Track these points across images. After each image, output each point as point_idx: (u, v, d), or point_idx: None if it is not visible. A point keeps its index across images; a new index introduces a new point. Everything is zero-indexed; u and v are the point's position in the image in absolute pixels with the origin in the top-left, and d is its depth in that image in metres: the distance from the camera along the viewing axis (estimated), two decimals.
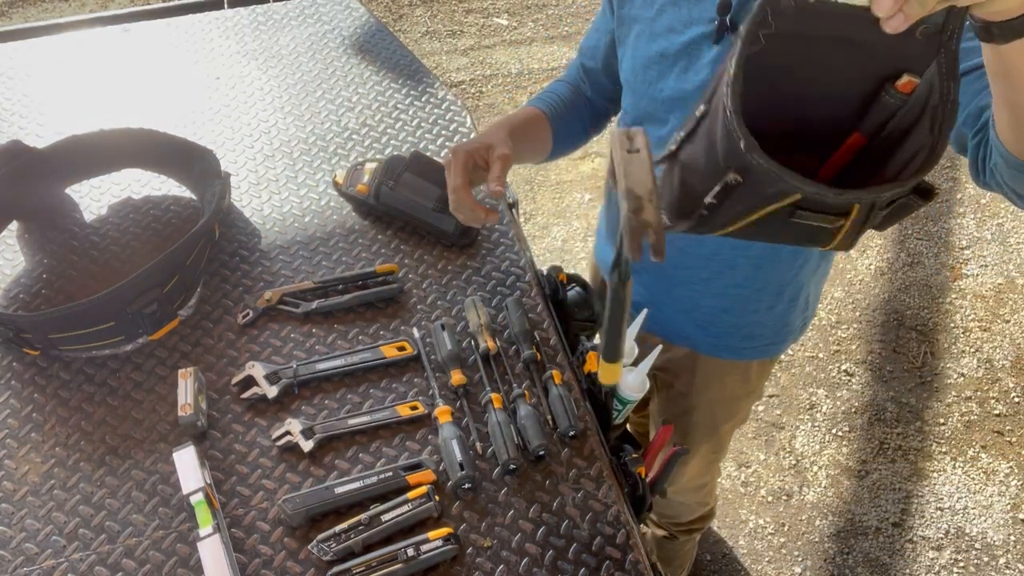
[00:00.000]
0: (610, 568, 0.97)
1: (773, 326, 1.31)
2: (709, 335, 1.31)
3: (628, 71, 1.15)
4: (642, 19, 1.11)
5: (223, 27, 1.70)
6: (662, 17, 1.07)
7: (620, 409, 1.16)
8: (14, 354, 1.15)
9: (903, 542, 2.06)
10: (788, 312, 1.29)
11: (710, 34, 1.02)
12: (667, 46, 1.06)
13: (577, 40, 3.53)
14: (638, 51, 1.11)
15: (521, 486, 1.04)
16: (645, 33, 1.10)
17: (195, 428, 1.04)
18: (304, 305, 1.19)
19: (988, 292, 2.62)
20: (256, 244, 1.29)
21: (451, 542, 0.96)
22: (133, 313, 1.09)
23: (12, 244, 1.29)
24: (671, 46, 1.06)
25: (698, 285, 1.25)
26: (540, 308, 1.23)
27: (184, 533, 0.98)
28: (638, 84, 1.13)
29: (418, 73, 1.61)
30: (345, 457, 1.05)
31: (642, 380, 1.13)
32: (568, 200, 2.92)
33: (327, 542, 0.95)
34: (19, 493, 1.01)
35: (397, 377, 1.14)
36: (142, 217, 1.33)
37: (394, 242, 1.31)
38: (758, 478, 2.18)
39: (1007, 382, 2.39)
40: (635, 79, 1.13)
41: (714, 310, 1.27)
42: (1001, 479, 2.18)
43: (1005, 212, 2.86)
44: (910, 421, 2.30)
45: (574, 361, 1.17)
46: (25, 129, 1.46)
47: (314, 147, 1.45)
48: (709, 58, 1.03)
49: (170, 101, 1.52)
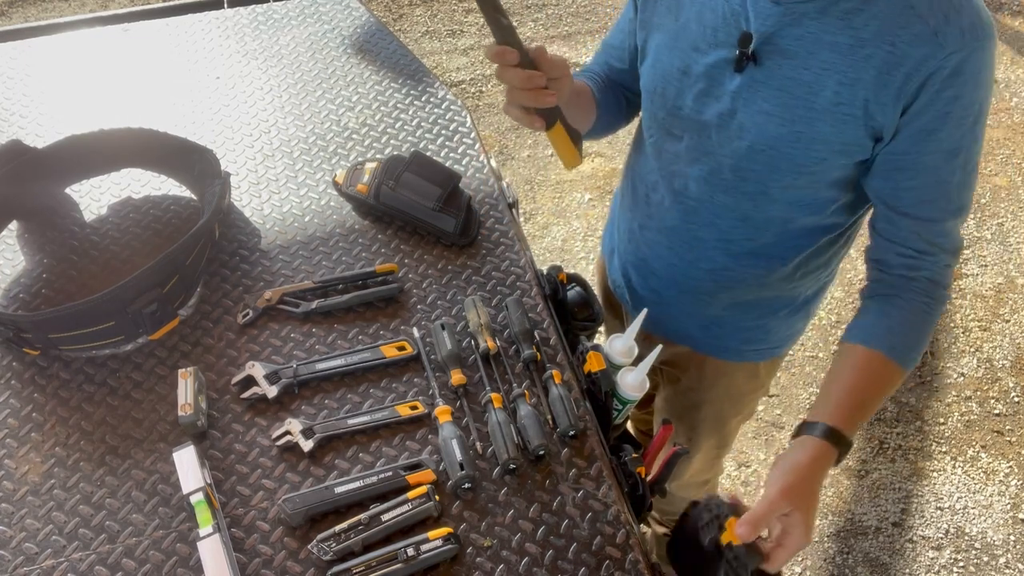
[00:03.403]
0: (610, 568, 0.97)
1: (776, 331, 1.31)
2: (711, 336, 1.32)
3: (648, 78, 1.13)
4: (664, 28, 1.09)
5: (223, 27, 1.70)
6: (686, 32, 1.05)
7: (620, 409, 1.16)
8: (14, 354, 1.14)
9: (903, 542, 2.06)
10: (791, 317, 1.29)
11: (733, 60, 1.01)
12: (690, 64, 1.05)
13: (577, 40, 3.53)
14: (660, 61, 1.10)
15: (521, 486, 1.04)
16: (667, 44, 1.08)
17: (195, 428, 1.04)
18: (304, 305, 1.19)
19: (988, 292, 2.62)
20: (256, 244, 1.29)
21: (451, 542, 0.96)
22: (133, 313, 1.09)
23: (12, 244, 1.29)
24: (694, 65, 1.04)
25: (705, 295, 1.25)
26: (540, 308, 1.23)
27: (184, 533, 0.98)
28: (656, 95, 1.12)
29: (418, 73, 1.61)
30: (345, 457, 1.05)
31: (642, 380, 1.13)
32: (568, 200, 2.92)
33: (327, 542, 0.95)
34: (19, 493, 1.01)
35: (397, 377, 1.14)
36: (142, 217, 1.33)
37: (394, 242, 1.31)
38: (758, 478, 2.18)
39: (1007, 382, 2.39)
40: (654, 89, 1.12)
41: (719, 316, 1.28)
42: (1001, 479, 2.18)
43: (1005, 212, 2.86)
44: (910, 421, 2.30)
45: (574, 361, 1.17)
46: (25, 129, 1.46)
47: (314, 147, 1.45)
48: (731, 88, 1.02)
49: (170, 101, 1.52)
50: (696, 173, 1.12)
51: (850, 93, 0.94)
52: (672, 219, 1.20)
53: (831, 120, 0.97)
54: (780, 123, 1.00)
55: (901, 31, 0.90)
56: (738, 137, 1.04)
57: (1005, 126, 3.19)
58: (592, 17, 3.65)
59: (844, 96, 0.95)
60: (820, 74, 0.95)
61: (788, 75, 0.97)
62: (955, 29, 0.89)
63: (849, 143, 0.98)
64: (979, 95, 0.94)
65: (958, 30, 0.89)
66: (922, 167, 0.97)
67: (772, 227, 1.12)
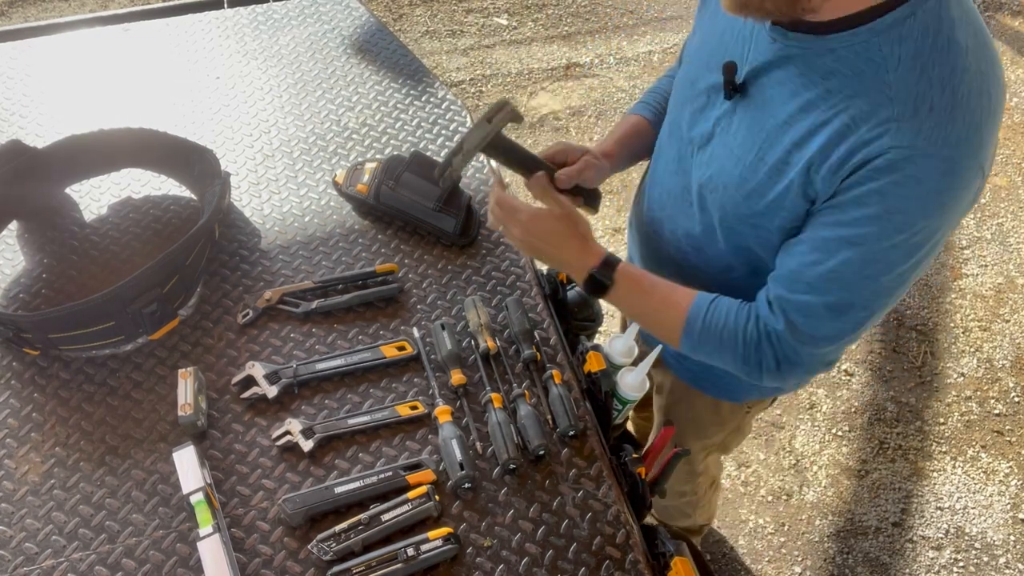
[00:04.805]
0: (610, 568, 0.97)
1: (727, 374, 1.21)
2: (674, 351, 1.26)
3: (679, 77, 1.10)
4: (704, 32, 1.05)
5: (223, 27, 1.70)
6: (708, 45, 1.02)
7: (620, 409, 1.16)
8: (14, 354, 1.14)
9: (903, 542, 2.06)
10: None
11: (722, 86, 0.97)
12: (699, 79, 1.02)
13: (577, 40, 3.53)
14: (690, 64, 1.07)
15: (521, 486, 1.04)
16: (695, 51, 1.06)
17: (195, 428, 1.04)
18: (304, 305, 1.19)
19: (988, 292, 2.62)
20: (256, 244, 1.29)
21: (451, 542, 0.96)
22: (133, 313, 1.09)
23: (12, 244, 1.29)
24: (700, 81, 1.02)
25: None
26: (540, 308, 1.23)
27: (184, 533, 0.98)
28: (677, 96, 1.09)
29: (418, 73, 1.61)
30: (345, 457, 1.05)
31: (642, 380, 1.13)
32: None
33: (327, 542, 0.95)
34: (19, 493, 1.01)
35: (397, 377, 1.14)
36: (142, 217, 1.33)
37: (394, 242, 1.31)
38: (758, 478, 2.18)
39: (1007, 382, 2.39)
40: (678, 89, 1.09)
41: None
42: (1001, 479, 2.18)
43: (1005, 212, 2.86)
44: (910, 421, 2.30)
45: (574, 361, 1.17)
46: (25, 129, 1.46)
47: (314, 147, 1.45)
48: (716, 112, 0.99)
49: (170, 101, 1.52)
50: (671, 185, 1.10)
51: (798, 154, 0.87)
52: (647, 224, 1.19)
53: (775, 176, 0.90)
54: (735, 164, 0.95)
55: (864, 105, 0.81)
56: (707, 164, 1.00)
57: (1005, 126, 3.19)
58: (592, 17, 3.65)
59: (793, 156, 0.88)
60: (782, 126, 0.89)
61: (758, 117, 0.92)
62: (917, 125, 0.79)
63: (785, 205, 0.91)
64: (915, 209, 0.81)
65: (919, 127, 0.78)
66: (808, 236, 0.89)
67: (714, 269, 1.07)
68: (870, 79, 0.81)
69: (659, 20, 3.63)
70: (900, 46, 0.80)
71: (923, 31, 0.79)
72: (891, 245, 0.84)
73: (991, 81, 0.81)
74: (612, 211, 2.80)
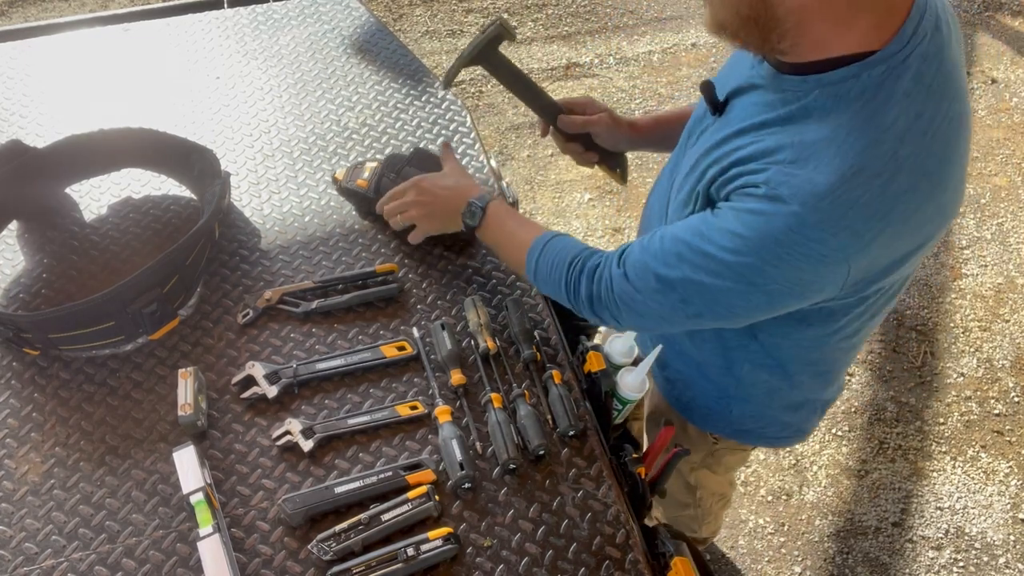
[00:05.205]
0: (610, 568, 0.97)
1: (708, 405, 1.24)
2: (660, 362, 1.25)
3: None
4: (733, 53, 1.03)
5: (223, 27, 1.70)
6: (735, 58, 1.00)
7: (620, 409, 1.16)
8: (14, 354, 1.15)
9: (903, 542, 2.06)
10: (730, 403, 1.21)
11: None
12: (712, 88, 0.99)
13: (577, 40, 3.53)
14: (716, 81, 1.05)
15: (521, 486, 1.04)
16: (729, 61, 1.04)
17: (195, 428, 1.04)
18: (304, 305, 1.19)
19: (988, 292, 2.62)
20: (256, 244, 1.29)
21: (451, 542, 0.96)
22: (133, 313, 1.09)
23: (12, 244, 1.29)
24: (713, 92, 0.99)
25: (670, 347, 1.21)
26: (540, 308, 1.23)
27: (184, 533, 0.98)
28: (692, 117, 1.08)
29: (418, 73, 1.61)
30: (345, 457, 1.05)
31: (642, 380, 1.13)
32: (568, 200, 2.91)
33: (327, 542, 0.95)
34: (19, 493, 1.01)
35: (397, 377, 1.14)
36: (142, 217, 1.33)
37: (394, 242, 1.31)
38: (758, 478, 2.18)
39: (1007, 382, 2.39)
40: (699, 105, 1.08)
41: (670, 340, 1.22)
42: (1001, 479, 2.18)
43: (1005, 212, 2.86)
44: (910, 421, 2.30)
45: (574, 361, 1.17)
46: (25, 129, 1.46)
47: (314, 147, 1.45)
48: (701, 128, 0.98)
49: (170, 101, 1.52)
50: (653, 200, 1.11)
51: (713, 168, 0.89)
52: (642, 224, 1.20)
53: (695, 184, 0.92)
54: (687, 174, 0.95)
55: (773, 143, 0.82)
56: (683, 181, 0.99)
57: (1005, 126, 3.19)
58: (592, 17, 3.65)
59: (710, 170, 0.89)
60: (720, 141, 0.89)
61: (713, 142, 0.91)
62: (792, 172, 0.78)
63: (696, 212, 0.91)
64: (757, 241, 0.80)
65: (790, 176, 0.78)
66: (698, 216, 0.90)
67: None
68: (795, 123, 0.81)
69: (659, 20, 3.63)
70: (832, 101, 0.79)
71: (858, 95, 0.77)
72: (734, 263, 0.83)
73: (907, 169, 0.77)
74: (612, 211, 2.81)
